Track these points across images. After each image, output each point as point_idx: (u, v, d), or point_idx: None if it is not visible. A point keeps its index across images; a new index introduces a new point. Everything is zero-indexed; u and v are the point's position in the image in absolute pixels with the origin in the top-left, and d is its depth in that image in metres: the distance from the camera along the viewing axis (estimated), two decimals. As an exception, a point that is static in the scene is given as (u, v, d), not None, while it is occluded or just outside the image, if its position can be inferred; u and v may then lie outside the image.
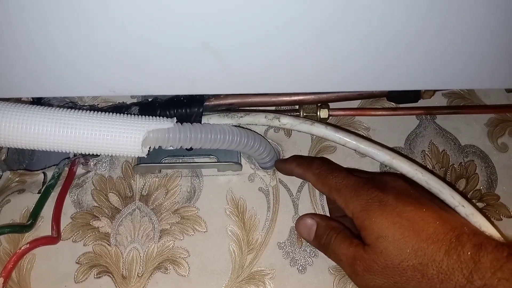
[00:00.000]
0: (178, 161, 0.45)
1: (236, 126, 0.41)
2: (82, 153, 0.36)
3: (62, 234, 0.42)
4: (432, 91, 0.45)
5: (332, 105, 0.46)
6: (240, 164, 0.44)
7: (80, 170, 0.46)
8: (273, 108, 0.47)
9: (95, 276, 0.41)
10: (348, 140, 0.39)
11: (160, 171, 0.45)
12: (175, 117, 0.39)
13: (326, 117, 0.45)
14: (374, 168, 0.46)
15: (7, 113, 0.34)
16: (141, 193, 0.44)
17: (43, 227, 0.42)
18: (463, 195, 0.38)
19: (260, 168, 0.46)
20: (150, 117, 0.37)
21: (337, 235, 0.36)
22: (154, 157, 0.43)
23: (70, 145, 0.35)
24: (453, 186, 0.39)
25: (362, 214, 0.34)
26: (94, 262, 0.41)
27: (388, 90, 0.44)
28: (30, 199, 0.43)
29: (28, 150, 0.47)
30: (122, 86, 0.31)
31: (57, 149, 0.35)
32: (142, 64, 0.29)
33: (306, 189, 0.45)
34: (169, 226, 0.43)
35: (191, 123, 0.38)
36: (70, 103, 0.46)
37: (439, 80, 0.32)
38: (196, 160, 0.45)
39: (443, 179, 0.42)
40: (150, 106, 0.42)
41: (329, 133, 0.40)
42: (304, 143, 0.47)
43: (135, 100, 0.46)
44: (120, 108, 0.43)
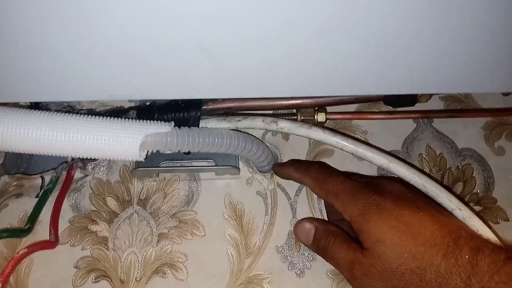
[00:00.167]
0: (176, 165, 0.45)
1: (233, 130, 0.41)
2: (80, 157, 0.36)
3: (60, 238, 0.42)
4: (428, 95, 0.46)
5: (329, 108, 0.46)
6: (238, 168, 0.44)
7: (78, 174, 0.46)
8: (270, 112, 0.47)
9: (93, 280, 0.41)
10: (345, 143, 0.39)
11: (158, 175, 0.45)
12: (173, 121, 0.39)
13: (324, 120, 0.45)
14: (372, 171, 0.47)
15: (5, 117, 0.34)
16: (139, 197, 0.44)
17: (41, 231, 0.42)
18: (460, 199, 0.38)
19: (258, 171, 0.46)
20: (148, 121, 0.37)
21: (335, 239, 0.37)
22: (152, 161, 0.43)
23: (68, 149, 0.35)
24: (450, 190, 0.39)
25: (360, 218, 0.34)
26: (92, 266, 0.41)
27: (385, 94, 0.45)
28: (28, 203, 0.43)
29: (26, 154, 0.47)
30: (120, 91, 0.31)
31: (55, 153, 0.35)
32: (139, 68, 0.29)
33: (304, 192, 0.45)
34: (167, 230, 0.43)
35: (189, 127, 0.39)
36: (68, 107, 0.46)
37: (436, 84, 0.32)
38: (194, 164, 0.45)
39: (440, 183, 0.42)
40: (148, 110, 0.42)
41: (326, 137, 0.40)
42: (301, 147, 0.48)
43: (133, 104, 0.46)
44: (118, 112, 0.43)
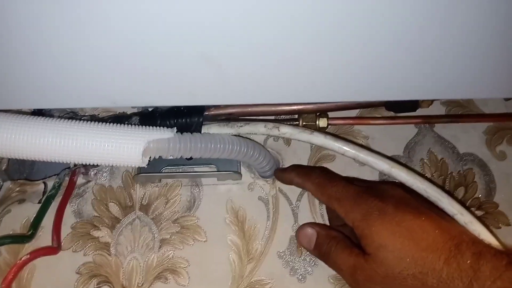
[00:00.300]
0: (178, 170, 0.45)
1: (235, 135, 0.41)
2: (82, 163, 0.36)
3: (63, 244, 0.42)
4: (430, 100, 0.46)
5: (331, 114, 0.46)
6: (239, 173, 0.45)
7: (80, 180, 0.46)
8: (272, 117, 0.48)
9: (95, 286, 0.41)
10: (347, 149, 0.39)
11: (160, 181, 0.45)
12: (175, 127, 0.39)
13: (325, 126, 0.45)
14: (374, 176, 0.47)
15: (8, 124, 0.34)
16: (141, 202, 0.45)
17: (44, 237, 0.42)
18: (462, 204, 0.38)
19: (259, 177, 0.46)
20: (151, 127, 0.38)
21: (337, 244, 0.37)
22: (154, 166, 0.43)
23: (70, 155, 0.35)
24: (451, 195, 0.39)
25: (362, 223, 0.34)
26: (94, 272, 0.41)
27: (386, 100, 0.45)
28: (30, 209, 0.43)
29: (28, 160, 0.47)
30: (123, 98, 0.31)
31: (58, 159, 0.35)
32: (142, 75, 0.29)
33: (305, 198, 0.45)
34: (169, 236, 0.43)
35: (191, 133, 0.39)
36: (70, 113, 0.46)
37: (438, 90, 0.32)
38: (196, 169, 0.45)
39: (442, 188, 0.42)
40: (150, 116, 0.42)
41: (328, 142, 0.40)
42: (303, 152, 0.48)
43: (136, 110, 0.46)
44: (120, 118, 0.43)
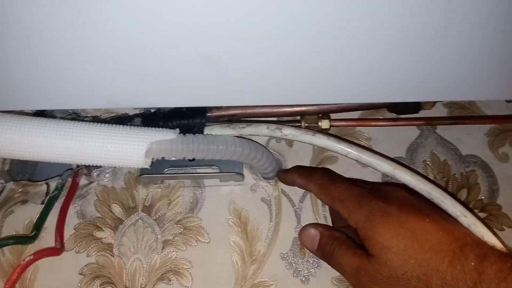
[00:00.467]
0: (180, 171, 0.45)
1: (238, 136, 0.41)
2: (85, 164, 0.36)
3: (66, 245, 0.42)
4: (432, 102, 0.46)
5: (333, 115, 0.46)
6: (242, 174, 0.45)
7: (83, 181, 0.46)
8: (274, 118, 0.48)
9: (98, 287, 0.41)
10: (350, 150, 0.39)
11: (162, 182, 0.45)
12: (178, 128, 0.39)
13: (328, 127, 0.45)
14: (376, 178, 0.47)
15: (11, 125, 0.34)
16: (144, 203, 0.45)
17: (46, 238, 0.42)
18: (465, 205, 0.38)
19: (262, 178, 0.46)
20: (153, 128, 0.38)
21: (340, 245, 0.37)
22: (157, 167, 0.43)
23: (73, 156, 0.35)
24: (454, 196, 0.39)
25: (365, 224, 0.34)
26: (97, 273, 0.41)
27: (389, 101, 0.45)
28: (33, 210, 0.43)
29: (31, 161, 0.48)
30: (125, 99, 0.31)
31: (60, 160, 0.35)
32: (145, 77, 0.29)
33: (308, 199, 0.45)
34: (172, 237, 0.43)
35: (194, 134, 0.39)
36: (73, 114, 0.46)
37: (440, 91, 0.32)
38: (198, 170, 0.45)
39: (445, 189, 0.42)
40: (153, 117, 0.42)
41: (331, 143, 0.40)
42: (305, 153, 0.48)
43: (138, 111, 0.46)
44: (123, 119, 0.44)
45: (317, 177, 0.40)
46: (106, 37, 0.25)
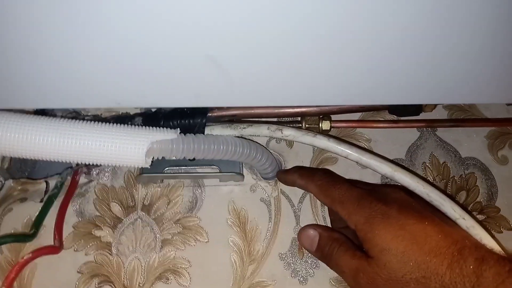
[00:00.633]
0: (180, 171, 0.45)
1: (238, 137, 0.41)
2: (85, 163, 0.36)
3: (64, 243, 0.42)
4: (433, 105, 0.46)
5: (333, 116, 0.46)
6: (242, 174, 0.45)
7: (82, 180, 0.46)
8: (275, 119, 0.48)
9: (97, 285, 0.41)
10: (350, 152, 0.40)
11: (162, 181, 0.45)
12: (179, 127, 0.39)
13: (328, 128, 0.45)
14: (376, 179, 0.47)
15: (11, 123, 0.34)
16: (143, 202, 0.45)
17: (45, 236, 0.42)
18: (464, 208, 0.38)
19: (262, 178, 0.46)
20: (154, 127, 0.38)
21: (339, 246, 0.37)
22: (157, 167, 0.43)
23: (73, 155, 0.35)
24: (453, 199, 0.39)
25: (365, 226, 0.34)
26: (96, 271, 0.41)
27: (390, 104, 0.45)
28: (32, 208, 0.43)
29: (30, 159, 0.47)
30: (127, 98, 0.31)
31: (61, 159, 0.35)
32: (146, 76, 0.29)
33: (307, 200, 0.46)
34: (170, 236, 0.43)
35: (195, 134, 0.39)
36: (73, 113, 0.46)
37: (441, 94, 0.32)
38: (198, 170, 0.45)
39: (444, 192, 0.42)
40: (153, 116, 0.42)
41: (331, 145, 0.40)
42: (305, 154, 0.48)
43: (139, 110, 0.46)
44: (123, 118, 0.44)
45: (317, 178, 0.40)
46: (107, 36, 0.25)
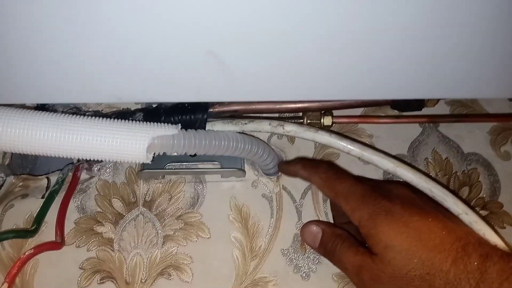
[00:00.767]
0: (181, 167, 0.45)
1: (240, 132, 0.41)
2: (86, 158, 0.36)
3: (66, 239, 0.42)
4: (436, 100, 0.45)
5: (335, 112, 0.46)
6: (243, 170, 0.44)
7: (83, 176, 0.46)
8: (276, 115, 0.47)
9: (99, 281, 0.41)
10: (352, 148, 0.39)
11: (163, 177, 0.45)
12: (180, 123, 0.39)
13: (330, 124, 0.45)
14: (378, 175, 0.47)
15: (12, 118, 0.34)
16: (144, 198, 0.44)
17: (47, 232, 0.42)
18: (467, 203, 0.38)
19: (263, 174, 0.46)
20: (155, 123, 0.37)
21: (342, 243, 0.36)
22: (158, 163, 0.43)
23: (74, 151, 0.35)
24: (456, 194, 0.39)
25: (369, 223, 0.34)
26: (98, 267, 0.41)
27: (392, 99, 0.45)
28: (33, 204, 0.43)
29: (31, 155, 0.47)
30: (128, 93, 0.31)
31: (62, 154, 0.35)
32: (147, 71, 0.29)
33: (309, 195, 0.45)
34: (172, 232, 0.43)
35: (196, 130, 0.39)
36: (74, 109, 0.46)
37: (443, 89, 0.32)
38: (199, 166, 0.45)
39: (447, 187, 0.42)
40: (154, 112, 0.42)
41: (333, 140, 0.40)
42: (307, 150, 0.48)
43: (140, 106, 0.46)
44: (124, 114, 0.43)
45: (322, 170, 0.39)
46: (108, 30, 0.25)
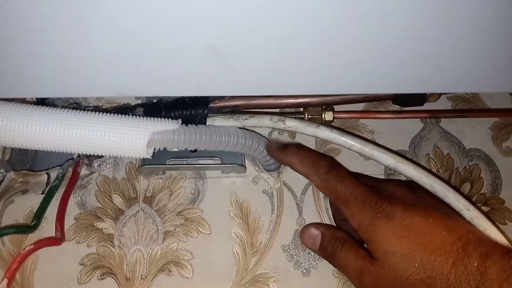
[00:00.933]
0: (182, 162, 0.44)
1: (240, 128, 0.41)
2: (86, 154, 0.36)
3: (66, 235, 0.42)
4: (437, 95, 0.45)
5: (336, 107, 0.46)
6: (244, 166, 0.44)
7: (84, 171, 0.46)
8: (277, 110, 0.47)
9: (99, 277, 0.41)
10: (353, 143, 0.39)
11: (164, 173, 0.45)
12: (180, 118, 0.39)
13: (331, 119, 0.45)
14: (379, 170, 0.46)
15: (12, 113, 0.34)
16: (145, 194, 0.44)
17: (47, 228, 0.42)
18: (468, 199, 0.37)
19: (264, 170, 0.46)
20: (155, 118, 0.37)
21: (342, 245, 0.36)
22: (158, 158, 0.43)
23: (75, 146, 0.35)
24: (457, 190, 0.39)
25: (369, 228, 0.34)
26: (98, 263, 0.41)
27: (394, 93, 0.44)
28: (33, 200, 0.43)
29: (31, 151, 0.47)
30: (128, 88, 0.31)
31: (61, 150, 0.35)
32: (148, 65, 0.29)
33: (310, 191, 0.45)
34: (173, 228, 0.43)
35: (196, 125, 0.38)
36: (74, 104, 0.46)
37: (445, 83, 0.32)
38: (200, 162, 0.45)
39: (448, 183, 0.42)
40: (155, 107, 0.42)
41: (334, 136, 0.39)
42: (308, 145, 0.47)
43: (140, 101, 0.46)
44: (125, 109, 0.43)
45: (322, 170, 0.38)
46: (109, 24, 0.25)
